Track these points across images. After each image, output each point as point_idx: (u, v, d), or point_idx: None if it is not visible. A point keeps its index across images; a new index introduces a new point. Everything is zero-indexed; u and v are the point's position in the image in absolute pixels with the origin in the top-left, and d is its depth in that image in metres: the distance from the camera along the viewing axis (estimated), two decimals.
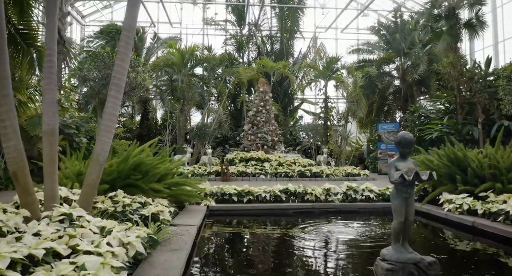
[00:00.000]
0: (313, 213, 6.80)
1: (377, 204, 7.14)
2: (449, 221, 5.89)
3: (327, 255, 4.31)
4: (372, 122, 21.91)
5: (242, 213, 6.72)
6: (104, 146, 3.99)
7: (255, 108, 17.86)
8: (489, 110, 14.22)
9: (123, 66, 4.12)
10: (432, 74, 18.88)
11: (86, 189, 3.96)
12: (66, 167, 5.64)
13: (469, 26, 16.03)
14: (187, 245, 3.79)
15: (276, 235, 5.41)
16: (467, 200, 5.88)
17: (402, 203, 3.35)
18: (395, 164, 3.36)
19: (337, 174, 13.86)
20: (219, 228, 6.05)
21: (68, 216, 3.40)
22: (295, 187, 7.21)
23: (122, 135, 15.51)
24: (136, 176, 5.35)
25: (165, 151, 6.23)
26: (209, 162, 14.49)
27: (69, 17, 23.45)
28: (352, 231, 5.46)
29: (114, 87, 4.06)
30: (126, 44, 4.14)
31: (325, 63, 19.85)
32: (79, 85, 12.10)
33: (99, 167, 3.97)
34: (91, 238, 2.87)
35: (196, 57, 18.50)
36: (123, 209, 4.37)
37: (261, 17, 24.01)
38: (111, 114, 4.02)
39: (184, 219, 5.13)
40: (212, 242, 5.10)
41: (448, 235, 5.60)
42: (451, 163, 6.76)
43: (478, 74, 14.55)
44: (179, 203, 6.04)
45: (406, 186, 3.30)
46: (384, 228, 5.67)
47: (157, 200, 5.13)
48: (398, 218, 3.35)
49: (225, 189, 7.06)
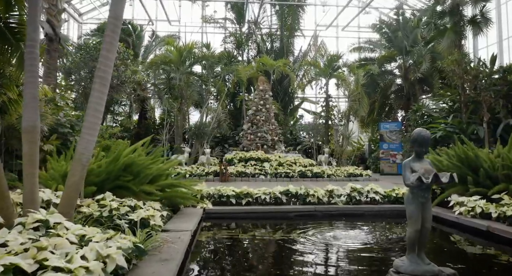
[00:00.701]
0: (316, 216, 6.44)
1: (383, 207, 6.78)
2: (461, 225, 5.53)
3: (333, 265, 3.95)
4: (373, 121, 21.56)
5: (240, 216, 6.36)
6: (88, 145, 3.63)
7: (254, 107, 17.48)
8: (494, 108, 13.87)
9: (108, 57, 3.75)
10: (435, 72, 18.52)
11: (68, 192, 3.59)
12: (51, 167, 5.28)
13: (474, 23, 15.66)
14: (178, 254, 3.43)
15: (277, 241, 5.05)
16: (480, 202, 5.52)
17: (418, 209, 2.98)
18: (411, 165, 3.00)
19: (339, 175, 13.50)
20: (215, 232, 5.70)
21: (44, 223, 3.04)
22: (296, 188, 6.84)
23: (119, 135, 15.14)
24: (126, 178, 4.99)
25: (158, 150, 5.86)
26: (207, 162, 14.13)
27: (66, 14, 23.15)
28: (358, 236, 5.08)
29: (99, 80, 3.69)
30: (113, 33, 3.78)
31: (326, 61, 19.47)
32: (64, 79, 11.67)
33: (81, 168, 3.61)
34: (65, 249, 2.50)
35: (195, 54, 18.11)
36: (110, 214, 4.01)
37: (260, 15, 23.62)
38: (95, 110, 3.66)
39: (178, 224, 4.77)
40: (208, 249, 4.74)
41: (461, 241, 5.24)
42: (461, 163, 6.40)
43: (483, 72, 14.20)
44: (174, 206, 5.68)
45: (423, 190, 2.94)
46: (393, 233, 5.33)
47: (149, 204, 4.76)
48: (414, 225, 2.98)
49: (223, 191, 6.70)
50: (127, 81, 6.73)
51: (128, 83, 6.83)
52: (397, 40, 20.12)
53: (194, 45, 17.90)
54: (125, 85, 6.76)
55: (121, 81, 6.62)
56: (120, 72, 6.58)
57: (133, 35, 20.72)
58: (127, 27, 20.27)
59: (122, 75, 6.59)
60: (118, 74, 6.61)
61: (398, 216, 6.56)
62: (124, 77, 6.62)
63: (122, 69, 6.61)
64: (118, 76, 6.57)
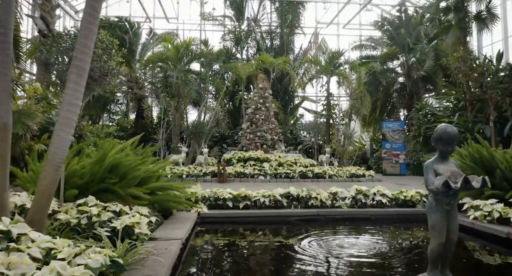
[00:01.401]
0: (319, 221, 5.99)
1: (391, 210, 6.33)
2: (476, 231, 5.08)
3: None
4: (375, 120, 21.14)
5: (238, 220, 5.91)
6: (62, 144, 3.19)
7: (254, 105, 17.02)
8: (501, 107, 13.45)
9: (87, 45, 3.31)
10: (438, 70, 18.12)
11: (39, 198, 3.16)
12: (31, 168, 4.84)
13: (479, 19, 15.22)
14: (164, 268, 2.99)
15: (276, 250, 4.61)
16: (497, 206, 5.08)
17: (443, 218, 2.54)
18: (434, 166, 2.55)
19: (341, 175, 13.09)
20: (210, 238, 5.25)
21: (6, 234, 2.61)
22: (297, 191, 6.40)
23: (115, 134, 14.72)
24: (112, 180, 4.55)
25: (148, 150, 5.42)
26: (205, 162, 13.70)
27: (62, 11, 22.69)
28: (367, 245, 4.59)
29: (75, 70, 3.25)
30: (91, 17, 3.34)
31: (328, 58, 19.04)
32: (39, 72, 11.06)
33: (54, 170, 3.17)
34: (20, 270, 2.07)
35: (192, 51, 17.65)
36: (89, 221, 3.57)
37: (260, 12, 23.21)
38: (70, 104, 3.22)
39: (168, 231, 4.33)
40: (201, 259, 4.29)
41: (478, 249, 4.79)
42: (475, 164, 5.97)
43: (489, 69, 13.78)
44: (165, 210, 5.24)
45: (449, 196, 2.50)
46: (405, 240, 4.88)
47: (136, 208, 4.32)
48: (438, 237, 2.54)
49: (219, 193, 6.26)
50: (110, 73, 6.24)
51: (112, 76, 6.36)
52: (399, 37, 19.71)
53: (191, 42, 17.45)
54: (108, 77, 6.28)
55: (104, 73, 6.13)
56: (102, 62, 6.11)
57: (129, 32, 20.22)
58: (123, 24, 19.79)
59: (104, 66, 6.11)
60: (101, 65, 6.13)
61: (406, 221, 6.14)
62: (106, 68, 6.13)
63: (104, 59, 6.14)
64: (101, 67, 6.10)
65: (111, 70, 6.20)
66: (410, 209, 6.38)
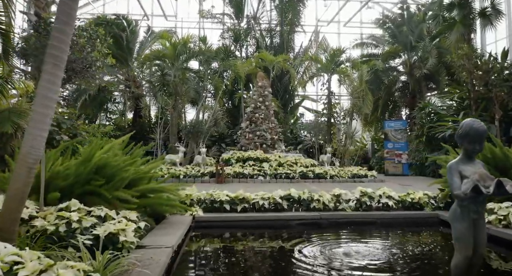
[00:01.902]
0: (321, 225, 5.64)
1: (397, 214, 5.98)
2: (491, 236, 4.71)
3: None
4: (377, 119, 20.78)
5: (235, 224, 5.56)
6: (35, 142, 2.83)
7: (253, 104, 16.65)
8: (507, 105, 13.13)
9: (65, 31, 2.96)
10: (441, 68, 17.75)
11: (9, 203, 2.80)
12: (12, 169, 4.48)
13: (484, 16, 14.89)
14: None
15: (276, 258, 4.26)
16: None
17: (469, 228, 2.19)
18: (459, 168, 2.20)
19: (342, 176, 12.74)
20: (205, 244, 4.90)
21: None
22: (299, 193, 6.05)
23: (112, 134, 14.38)
24: (98, 182, 4.20)
25: (137, 149, 5.06)
26: (203, 162, 13.35)
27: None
28: (376, 253, 4.17)
29: (52, 59, 2.90)
30: (70, 1, 2.98)
31: (329, 56, 18.65)
32: None
33: (27, 172, 2.82)
34: None
35: (190, 49, 17.26)
36: (69, 228, 3.22)
37: (260, 10, 22.82)
38: (45, 97, 2.87)
39: (159, 237, 3.98)
40: (195, 269, 3.94)
41: (494, 256, 4.44)
42: (487, 163, 5.59)
43: (494, 67, 13.44)
44: (157, 214, 4.89)
45: (477, 203, 2.15)
46: (416, 247, 4.52)
47: (123, 213, 3.97)
48: (464, 250, 2.19)
49: (215, 196, 5.90)
50: (94, 65, 5.86)
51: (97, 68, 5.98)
52: (401, 35, 19.34)
53: (189, 39, 17.08)
54: (92, 69, 5.89)
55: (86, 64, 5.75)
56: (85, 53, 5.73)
57: (127, 30, 19.82)
58: (120, 22, 19.40)
59: (87, 57, 5.73)
60: (84, 55, 5.75)
61: (413, 225, 5.79)
62: (90, 59, 5.74)
63: (87, 49, 5.76)
64: (83, 58, 5.72)
65: (95, 62, 5.81)
66: (418, 212, 6.03)
